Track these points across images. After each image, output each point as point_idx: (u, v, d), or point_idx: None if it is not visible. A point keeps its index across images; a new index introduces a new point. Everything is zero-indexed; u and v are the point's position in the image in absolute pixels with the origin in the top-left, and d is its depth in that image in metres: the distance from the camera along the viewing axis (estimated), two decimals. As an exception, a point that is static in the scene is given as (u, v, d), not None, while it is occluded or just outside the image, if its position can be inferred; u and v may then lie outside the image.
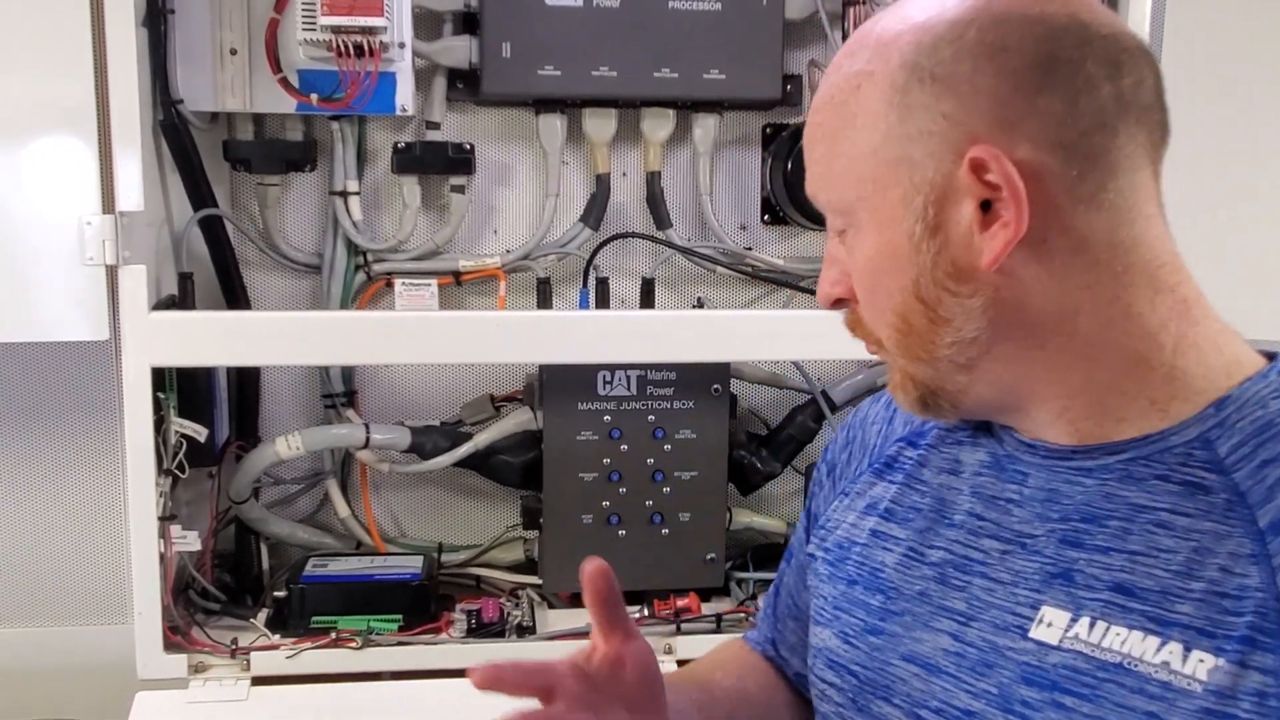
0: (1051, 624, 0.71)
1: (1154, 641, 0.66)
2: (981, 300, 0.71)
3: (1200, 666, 0.64)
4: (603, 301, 1.73)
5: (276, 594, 1.63)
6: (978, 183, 0.69)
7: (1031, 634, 0.72)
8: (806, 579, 0.94)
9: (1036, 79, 0.69)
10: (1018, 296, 0.71)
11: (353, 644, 1.56)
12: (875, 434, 0.93)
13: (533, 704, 0.77)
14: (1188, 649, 0.65)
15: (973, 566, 0.77)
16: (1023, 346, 0.73)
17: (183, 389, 1.54)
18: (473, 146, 1.73)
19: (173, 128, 1.54)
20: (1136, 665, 0.67)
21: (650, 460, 1.67)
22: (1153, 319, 0.71)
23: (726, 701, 0.96)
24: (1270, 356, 0.74)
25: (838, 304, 0.80)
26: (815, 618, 0.89)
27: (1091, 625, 0.69)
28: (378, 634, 1.57)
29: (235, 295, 1.69)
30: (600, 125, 1.74)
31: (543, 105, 1.72)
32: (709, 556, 1.70)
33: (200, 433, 1.54)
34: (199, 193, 1.60)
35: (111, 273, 1.45)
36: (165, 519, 1.51)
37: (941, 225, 0.71)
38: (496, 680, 0.76)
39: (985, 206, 0.70)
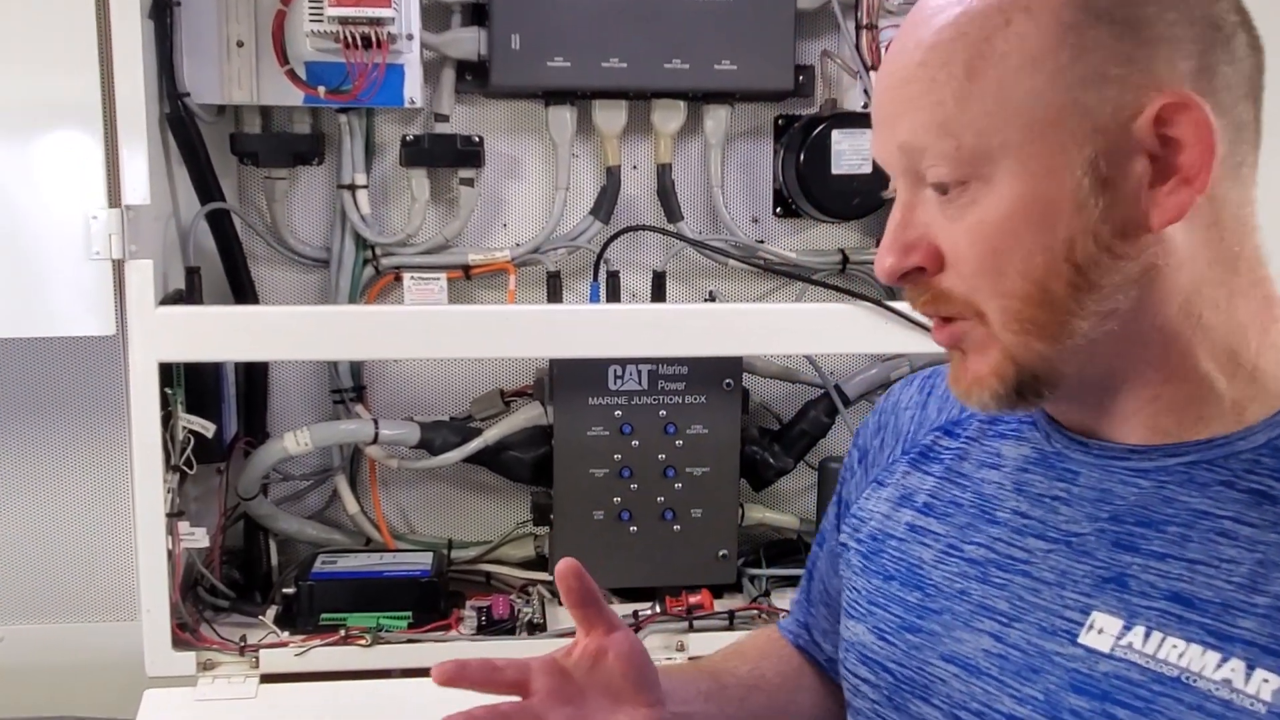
0: (1103, 630, 0.68)
1: (1214, 657, 0.63)
2: (1139, 266, 0.66)
3: (1265, 687, 0.61)
4: (613, 295, 1.72)
5: (285, 591, 1.62)
6: (1154, 135, 0.64)
7: (1081, 639, 0.69)
8: (838, 566, 0.92)
9: (1210, 35, 0.65)
10: (1165, 265, 0.67)
11: (362, 641, 1.55)
12: (909, 420, 0.90)
13: (506, 699, 0.77)
14: (1251, 667, 0.62)
15: (1016, 565, 0.74)
16: (1148, 325, 0.68)
17: (190, 384, 1.53)
18: (482, 139, 1.71)
19: (179, 121, 1.53)
20: (1196, 681, 0.63)
21: (662, 456, 1.66)
22: (1246, 311, 0.68)
23: (738, 688, 0.95)
24: None
25: (906, 276, 0.71)
26: (848, 610, 0.87)
27: (1147, 635, 0.66)
28: (387, 631, 1.56)
29: (243, 290, 1.68)
30: (610, 117, 1.73)
31: (552, 97, 1.71)
32: (721, 553, 1.69)
33: (208, 428, 1.53)
34: (206, 186, 1.59)
35: (118, 267, 1.44)
36: (173, 515, 1.50)
37: (1113, 179, 0.65)
38: (459, 675, 0.76)
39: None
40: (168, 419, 1.49)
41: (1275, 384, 0.68)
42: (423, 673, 1.53)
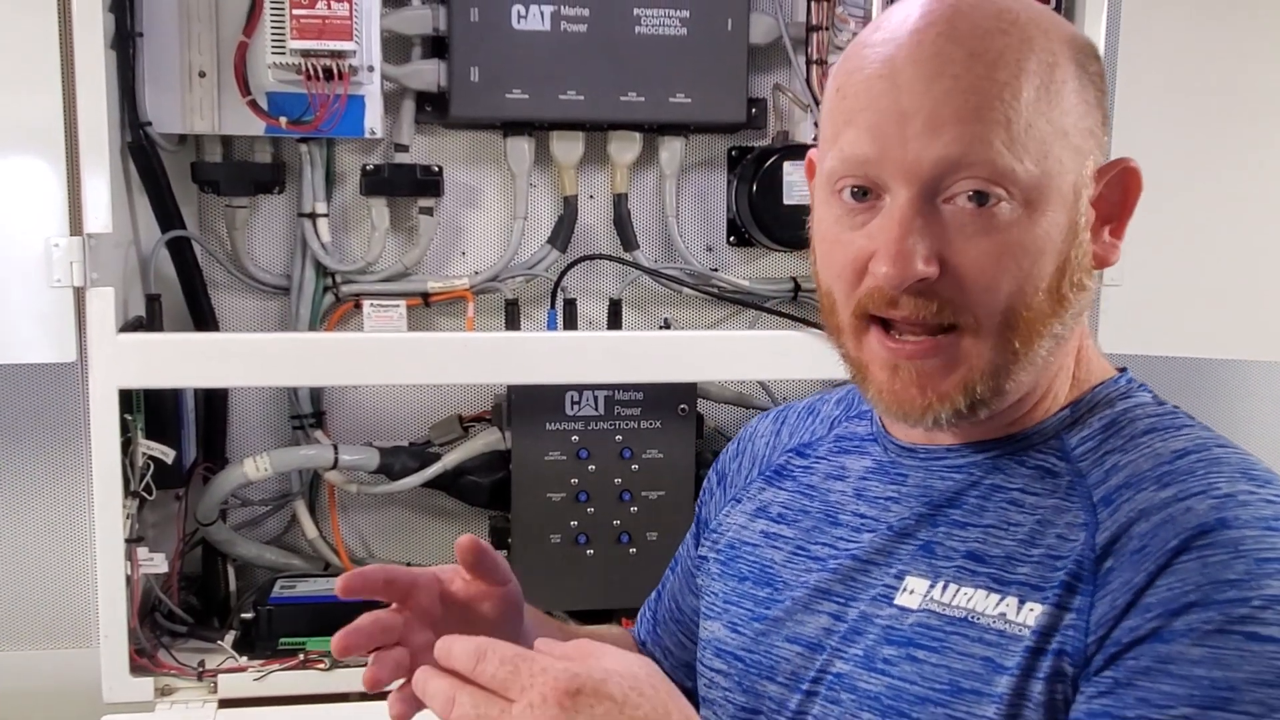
0: (914, 591, 0.77)
1: (995, 598, 0.73)
2: (1089, 298, 0.76)
3: (1030, 615, 0.71)
4: (570, 322, 1.75)
5: (244, 615, 1.63)
6: (1099, 188, 0.75)
7: (896, 601, 0.78)
8: (693, 583, 0.99)
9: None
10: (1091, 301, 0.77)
11: (321, 665, 1.56)
12: (764, 445, 0.98)
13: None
14: (1022, 602, 0.72)
15: (851, 555, 0.83)
16: (1065, 349, 0.78)
17: (150, 410, 1.54)
18: (441, 169, 1.74)
19: (141, 149, 1.55)
20: (979, 619, 0.73)
21: (618, 480, 1.69)
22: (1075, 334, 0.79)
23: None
24: (1120, 370, 0.82)
25: (917, 284, 0.71)
26: (706, 613, 0.93)
27: (944, 588, 0.76)
28: (346, 655, 1.57)
29: (203, 317, 1.69)
30: (567, 148, 1.76)
31: (510, 128, 1.74)
32: (676, 575, 1.71)
33: (168, 454, 1.54)
34: (167, 214, 1.61)
35: (79, 294, 1.45)
36: (132, 541, 1.51)
37: (1087, 222, 0.75)
38: (363, 583, 0.83)
39: None
40: (127, 445, 1.50)
41: (1063, 387, 0.80)
42: (381, 696, 1.54)
